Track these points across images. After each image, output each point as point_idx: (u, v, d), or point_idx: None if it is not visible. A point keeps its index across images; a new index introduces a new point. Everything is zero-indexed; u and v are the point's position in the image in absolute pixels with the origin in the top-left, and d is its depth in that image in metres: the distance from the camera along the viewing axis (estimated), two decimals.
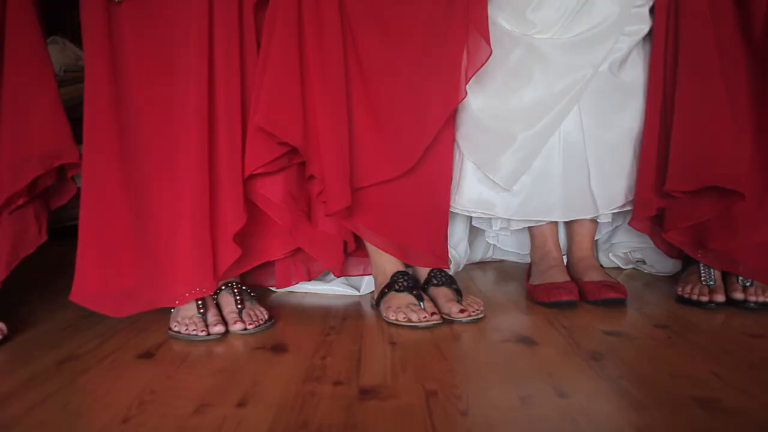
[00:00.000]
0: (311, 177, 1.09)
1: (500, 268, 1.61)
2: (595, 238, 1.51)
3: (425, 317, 1.07)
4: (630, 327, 1.05)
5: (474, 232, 1.58)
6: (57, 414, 0.74)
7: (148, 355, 0.96)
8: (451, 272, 1.40)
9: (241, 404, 0.75)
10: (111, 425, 0.70)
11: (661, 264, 1.45)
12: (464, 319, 1.09)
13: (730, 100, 1.11)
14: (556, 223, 1.30)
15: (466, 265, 1.64)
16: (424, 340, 1.00)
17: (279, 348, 0.98)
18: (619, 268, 1.56)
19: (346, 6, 1.07)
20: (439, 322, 1.08)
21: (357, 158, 1.10)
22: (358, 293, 1.32)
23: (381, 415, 0.72)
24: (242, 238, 1.15)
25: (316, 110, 1.03)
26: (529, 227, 1.32)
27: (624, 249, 1.52)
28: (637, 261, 1.53)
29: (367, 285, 1.30)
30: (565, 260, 1.33)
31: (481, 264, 1.66)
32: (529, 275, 1.30)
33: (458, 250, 1.44)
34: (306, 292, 1.35)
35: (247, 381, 0.83)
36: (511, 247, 1.56)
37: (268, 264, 1.27)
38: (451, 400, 0.75)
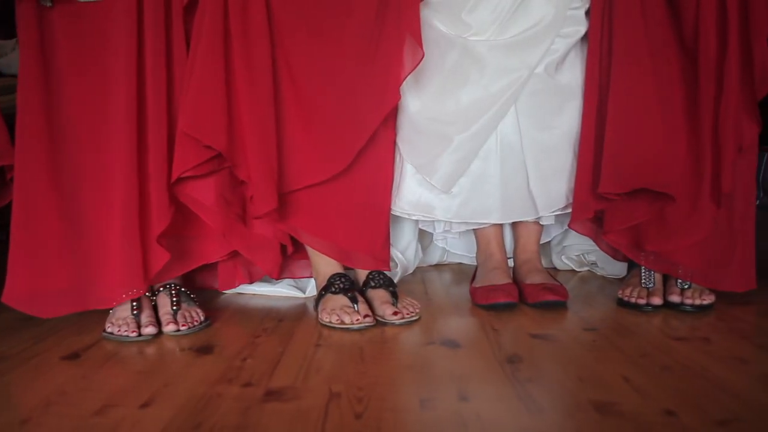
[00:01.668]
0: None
1: (458, 270, 1.61)
2: (546, 240, 1.52)
3: (358, 319, 1.07)
4: (559, 330, 1.05)
5: (431, 235, 1.59)
6: None
7: (74, 356, 0.97)
8: (398, 276, 1.42)
9: (144, 405, 0.76)
10: (9, 426, 0.71)
11: (612, 266, 1.45)
12: (397, 322, 1.09)
13: (663, 102, 1.11)
14: (500, 225, 1.31)
15: (424, 267, 1.64)
16: (352, 342, 1.01)
17: (205, 349, 0.99)
18: (573, 270, 1.56)
19: (273, 10, 1.07)
20: (372, 324, 1.08)
21: (289, 161, 1.11)
22: (303, 295, 1.32)
23: (277, 417, 0.72)
24: (182, 241, 1.17)
25: (242, 114, 1.04)
26: (474, 229, 1.32)
27: (576, 251, 1.51)
28: (592, 263, 1.53)
29: (313, 287, 1.30)
30: (512, 263, 1.33)
31: (439, 266, 1.66)
32: (473, 277, 1.30)
33: (407, 254, 1.44)
34: (254, 294, 1.36)
35: (160, 382, 0.84)
36: (460, 250, 1.56)
37: (215, 266, 1.28)
38: (352, 402, 0.76)
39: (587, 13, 1.20)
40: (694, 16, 1.11)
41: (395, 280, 1.40)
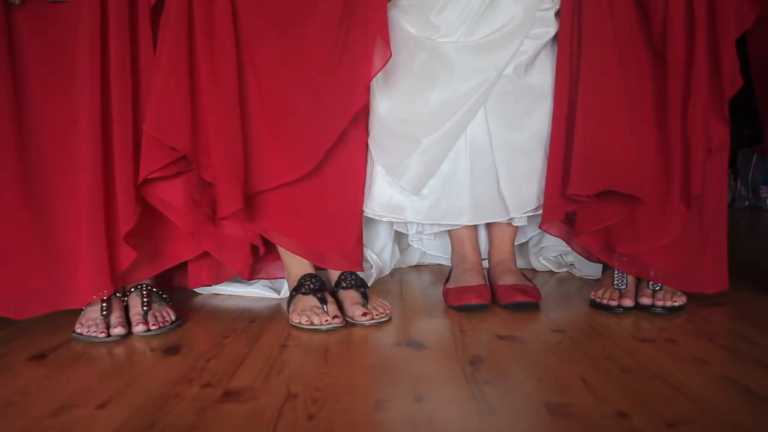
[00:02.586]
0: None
1: (438, 271, 1.61)
2: (523, 241, 1.52)
3: (326, 320, 1.07)
4: (527, 331, 1.05)
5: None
6: None
7: (40, 356, 0.97)
8: (373, 277, 1.42)
9: (101, 406, 0.76)
10: None
11: (588, 268, 1.45)
12: (367, 323, 1.10)
13: (631, 104, 1.11)
14: (474, 226, 1.31)
15: (403, 268, 1.65)
16: (318, 343, 1.01)
17: (172, 350, 0.99)
18: (552, 271, 1.56)
19: (239, 11, 1.08)
20: (341, 325, 1.08)
21: (257, 161, 1.11)
22: (278, 296, 1.33)
23: (230, 418, 0.72)
24: (154, 242, 1.17)
25: (207, 115, 1.04)
26: (448, 231, 1.32)
27: (553, 252, 1.52)
28: (570, 265, 1.53)
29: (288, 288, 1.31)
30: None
31: (419, 267, 1.66)
32: (447, 279, 1.31)
33: (382, 255, 1.44)
34: (229, 295, 1.36)
35: (121, 382, 0.85)
36: (437, 251, 1.56)
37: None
38: (307, 403, 0.76)
39: (557, 14, 1.20)
40: (663, 18, 1.11)
41: (371, 282, 1.41)
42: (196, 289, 1.37)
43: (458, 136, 1.18)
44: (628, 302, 1.15)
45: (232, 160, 1.06)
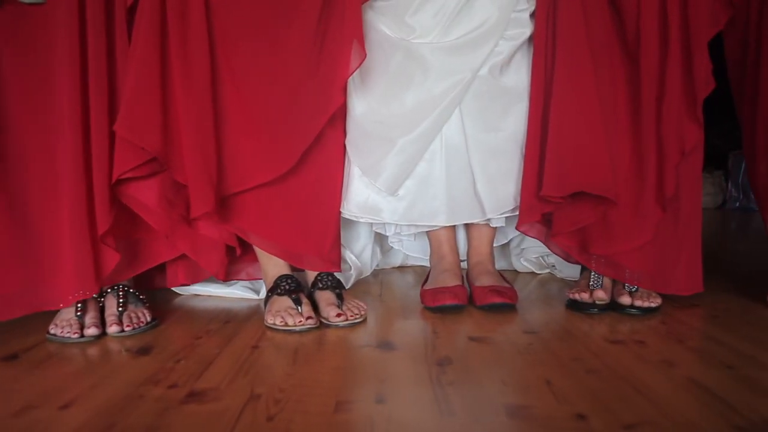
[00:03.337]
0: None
1: (421, 272, 1.62)
2: (505, 242, 1.52)
3: (300, 321, 1.08)
4: (500, 333, 1.06)
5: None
6: None
7: (12, 357, 0.97)
8: (353, 278, 1.42)
9: (65, 406, 0.77)
10: None
11: (569, 269, 1.45)
12: (341, 324, 1.10)
13: (604, 105, 1.11)
14: (453, 227, 1.31)
15: (387, 269, 1.65)
16: (289, 344, 1.01)
17: (144, 350, 0.99)
18: (533, 273, 1.56)
19: (213, 12, 1.08)
20: (315, 326, 1.09)
21: (232, 162, 1.11)
22: (257, 297, 1.33)
23: (190, 419, 0.73)
24: (133, 243, 1.18)
25: (179, 116, 1.05)
26: (426, 232, 1.32)
27: (535, 254, 1.52)
28: (551, 266, 1.53)
29: None
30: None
31: (403, 268, 1.66)
32: (426, 280, 1.31)
33: (362, 256, 1.44)
34: (209, 295, 1.37)
35: (88, 383, 0.85)
36: (417, 252, 1.57)
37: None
38: (268, 405, 0.76)
39: (532, 15, 1.20)
40: (636, 19, 1.12)
41: (350, 283, 1.42)
42: (176, 290, 1.38)
43: (433, 137, 1.18)
44: (601, 294, 1.15)
45: (203, 160, 1.06)
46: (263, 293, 1.32)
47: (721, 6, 1.13)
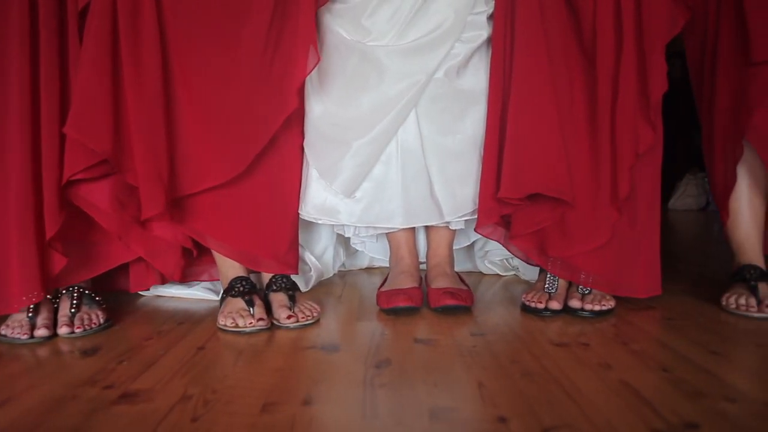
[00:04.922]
0: None
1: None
2: (467, 244, 1.52)
3: (251, 323, 1.08)
4: (447, 335, 1.06)
5: None
6: None
7: None
8: (313, 280, 1.42)
9: None
10: None
11: (531, 271, 1.45)
12: (291, 325, 1.10)
13: (560, 107, 1.12)
14: (412, 229, 1.31)
15: (354, 270, 1.65)
16: (236, 345, 1.02)
17: (91, 351, 1.00)
18: (498, 275, 1.56)
19: (165, 14, 1.08)
20: (265, 327, 1.09)
21: (185, 163, 1.11)
22: (217, 298, 1.33)
23: (116, 420, 0.73)
24: (87, 246, 1.18)
25: (130, 118, 1.05)
26: (386, 233, 1.33)
27: (498, 256, 1.52)
28: (515, 268, 1.53)
29: None
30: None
31: (370, 269, 1.67)
32: (384, 281, 1.31)
33: (323, 258, 1.44)
34: (171, 296, 1.37)
35: (25, 384, 0.86)
36: (378, 254, 1.57)
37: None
38: (197, 405, 0.77)
39: (490, 17, 1.20)
40: (592, 21, 1.12)
41: (310, 284, 1.42)
42: (139, 291, 1.38)
43: (389, 139, 1.18)
44: (555, 305, 1.15)
45: (155, 161, 1.07)
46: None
47: (680, 9, 1.13)
